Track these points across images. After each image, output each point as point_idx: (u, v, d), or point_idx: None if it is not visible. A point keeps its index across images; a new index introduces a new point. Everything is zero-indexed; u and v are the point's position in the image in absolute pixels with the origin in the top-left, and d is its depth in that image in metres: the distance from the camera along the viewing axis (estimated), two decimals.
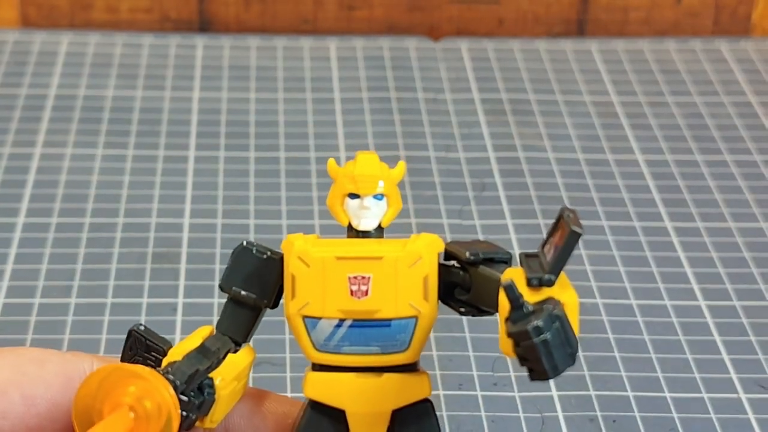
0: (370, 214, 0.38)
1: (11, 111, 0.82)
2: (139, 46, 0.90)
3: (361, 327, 0.38)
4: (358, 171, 0.39)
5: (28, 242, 0.70)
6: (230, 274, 0.39)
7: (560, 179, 0.77)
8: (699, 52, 0.92)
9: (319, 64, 0.89)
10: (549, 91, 0.87)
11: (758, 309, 0.67)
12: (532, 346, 0.34)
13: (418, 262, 0.38)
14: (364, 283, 0.38)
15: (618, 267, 0.69)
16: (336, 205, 0.39)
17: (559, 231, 0.36)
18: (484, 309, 0.39)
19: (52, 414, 0.38)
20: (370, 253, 0.38)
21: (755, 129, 0.83)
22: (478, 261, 0.38)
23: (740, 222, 0.74)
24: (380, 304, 0.38)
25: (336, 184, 0.39)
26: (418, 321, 0.38)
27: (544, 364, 0.34)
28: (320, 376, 0.38)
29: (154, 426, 0.34)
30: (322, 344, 0.38)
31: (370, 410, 0.38)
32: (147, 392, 0.34)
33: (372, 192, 0.38)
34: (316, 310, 0.38)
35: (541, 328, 0.34)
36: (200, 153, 0.79)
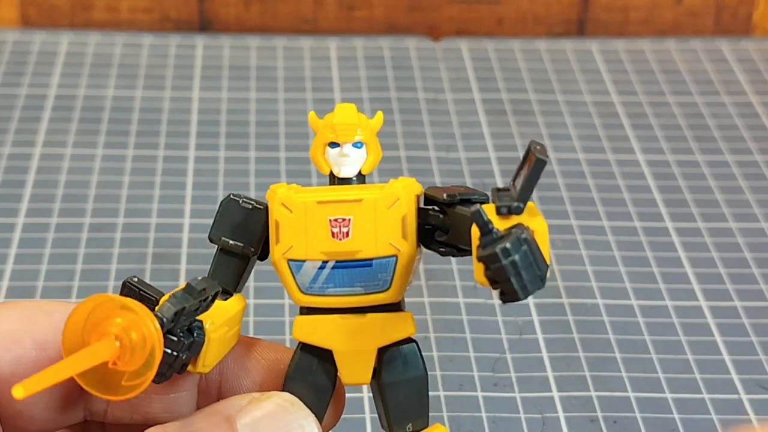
0: (349, 161, 0.40)
1: (11, 111, 0.82)
2: (139, 46, 0.90)
3: (343, 268, 0.39)
4: (337, 120, 0.41)
5: (28, 242, 0.70)
6: (218, 225, 0.41)
7: (561, 179, 0.77)
8: (700, 52, 0.92)
9: (319, 64, 0.89)
10: (549, 91, 0.87)
11: (759, 309, 0.67)
12: (501, 268, 0.35)
13: (396, 203, 0.39)
14: (345, 225, 0.39)
15: (619, 267, 0.69)
16: (318, 155, 0.41)
17: (527, 163, 0.37)
18: (462, 248, 0.39)
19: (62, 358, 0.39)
20: (349, 197, 0.39)
21: (756, 129, 0.83)
22: (455, 202, 0.40)
23: (741, 222, 0.74)
24: (361, 244, 0.39)
25: (317, 136, 0.41)
26: (398, 260, 0.39)
27: (513, 285, 0.35)
28: (307, 318, 0.39)
29: (138, 357, 0.35)
30: (307, 287, 0.39)
31: (356, 349, 0.39)
32: (133, 323, 0.35)
33: (350, 140, 0.40)
34: (300, 253, 0.39)
35: (509, 250, 0.35)
36: (200, 153, 0.78)
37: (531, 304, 0.66)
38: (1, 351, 0.39)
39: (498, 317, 0.65)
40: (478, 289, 0.67)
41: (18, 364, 0.39)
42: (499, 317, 0.65)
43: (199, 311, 0.38)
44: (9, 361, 0.39)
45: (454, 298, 0.67)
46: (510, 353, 0.63)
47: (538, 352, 0.63)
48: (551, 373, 0.61)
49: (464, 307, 0.66)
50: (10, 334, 0.39)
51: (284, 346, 0.42)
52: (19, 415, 0.40)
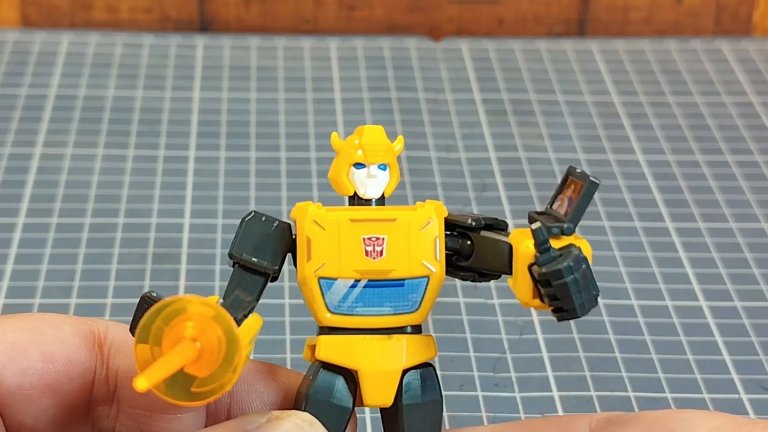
0: (375, 182, 0.40)
1: (11, 111, 0.82)
2: (140, 46, 0.90)
3: (375, 287, 0.39)
4: (365, 140, 0.40)
5: (28, 242, 0.70)
6: (240, 242, 0.40)
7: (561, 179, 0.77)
8: (700, 52, 0.92)
9: (320, 64, 0.89)
10: (550, 91, 0.87)
11: (760, 310, 0.67)
12: (564, 285, 0.36)
13: (429, 224, 0.39)
14: (379, 244, 0.39)
15: (619, 267, 0.69)
16: (341, 176, 0.40)
17: (570, 186, 0.38)
18: (485, 273, 0.40)
19: (69, 371, 0.39)
20: (383, 216, 0.39)
21: (756, 129, 0.83)
22: (480, 226, 0.40)
23: (741, 222, 0.74)
24: (394, 263, 0.39)
25: (340, 156, 0.40)
26: (430, 280, 0.39)
27: (575, 302, 0.36)
28: (332, 338, 0.39)
29: (214, 360, 0.34)
30: (336, 306, 0.39)
31: (382, 369, 0.39)
32: (208, 326, 0.34)
33: (379, 160, 0.40)
34: (332, 271, 0.39)
35: (572, 267, 0.36)
36: (200, 153, 0.78)
37: None
38: (6, 361, 0.39)
39: (498, 317, 0.65)
40: (478, 289, 0.67)
41: (24, 376, 0.39)
42: (499, 317, 0.65)
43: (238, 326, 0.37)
44: (14, 372, 0.39)
45: (454, 298, 0.67)
46: (510, 353, 0.63)
47: (539, 352, 0.63)
48: (551, 373, 0.61)
49: (464, 307, 0.66)
50: (17, 344, 0.39)
51: (295, 371, 0.41)
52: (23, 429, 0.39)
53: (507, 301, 0.67)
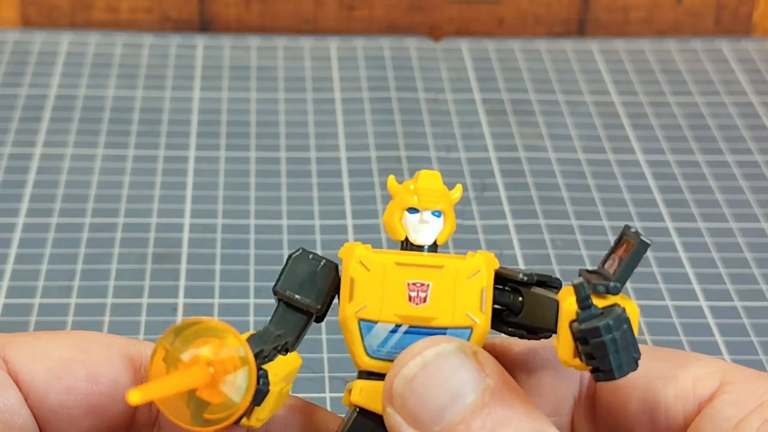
0: (428, 228, 0.39)
1: (11, 111, 0.82)
2: (140, 46, 0.90)
3: (416, 334, 0.38)
4: (421, 185, 0.40)
5: (28, 242, 0.70)
6: (286, 278, 0.39)
7: (561, 179, 0.77)
8: (700, 52, 0.92)
9: (320, 64, 0.89)
10: (550, 91, 0.87)
11: (760, 310, 0.67)
12: (601, 344, 0.35)
13: (477, 274, 0.38)
14: (423, 290, 0.38)
15: None
16: (394, 219, 0.39)
17: (623, 245, 0.37)
18: (533, 329, 0.39)
19: (113, 393, 0.39)
20: (430, 262, 0.38)
21: (756, 129, 0.83)
22: (532, 282, 0.39)
23: (741, 222, 0.74)
24: (438, 311, 0.38)
25: (395, 200, 0.39)
26: (473, 332, 0.38)
27: (611, 362, 0.35)
28: (369, 383, 0.38)
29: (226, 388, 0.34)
30: (375, 350, 0.38)
31: None
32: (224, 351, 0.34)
33: (432, 207, 0.39)
34: (374, 314, 0.38)
35: (611, 327, 0.35)
36: (200, 153, 0.78)
37: None
38: (52, 379, 0.38)
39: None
40: None
41: (68, 394, 0.38)
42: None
43: (267, 359, 0.37)
44: (59, 390, 0.38)
45: None
46: None
47: None
48: None
49: None
50: (64, 362, 0.38)
51: (334, 413, 0.41)
52: None
53: None
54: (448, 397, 0.35)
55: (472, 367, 0.35)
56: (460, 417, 0.34)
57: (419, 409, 0.35)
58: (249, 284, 0.66)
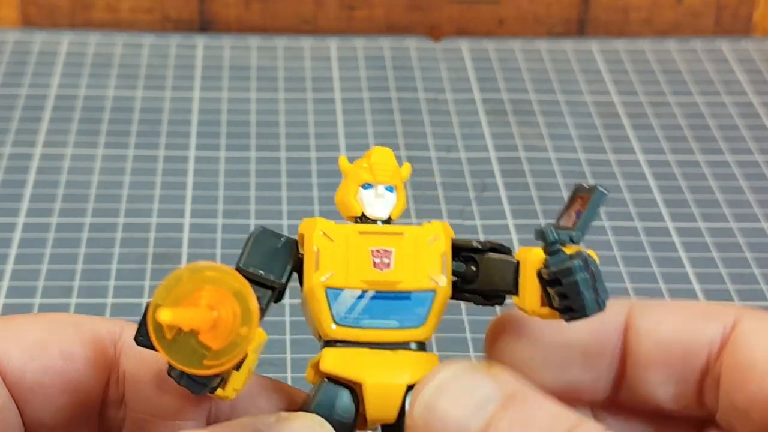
0: (383, 202, 0.40)
1: (11, 111, 0.82)
2: (140, 46, 0.90)
3: (382, 299, 0.39)
4: (375, 161, 0.40)
5: (28, 242, 0.70)
6: (249, 256, 0.40)
7: (561, 179, 0.77)
8: (700, 52, 0.92)
9: (320, 64, 0.89)
10: (550, 91, 0.87)
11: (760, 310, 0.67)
12: (575, 282, 0.36)
13: (436, 239, 0.39)
14: (387, 256, 0.39)
15: (619, 267, 0.69)
16: (349, 196, 0.40)
17: (577, 201, 0.38)
18: (489, 294, 0.40)
19: (88, 371, 0.40)
20: (391, 230, 0.40)
21: (756, 129, 0.83)
22: (485, 248, 0.40)
23: (742, 222, 0.74)
24: (402, 276, 0.39)
25: (349, 178, 0.40)
26: (437, 295, 0.39)
27: (584, 300, 0.36)
28: (337, 351, 0.39)
29: (227, 334, 0.34)
30: (342, 317, 0.39)
31: (387, 383, 0.39)
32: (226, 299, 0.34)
33: (387, 181, 0.40)
34: (340, 281, 0.39)
35: (582, 266, 0.37)
36: (200, 153, 0.78)
37: None
38: (27, 359, 0.39)
39: None
40: None
41: (45, 374, 0.39)
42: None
43: None
44: (34, 370, 0.39)
45: None
46: None
47: None
48: None
49: (464, 307, 0.66)
50: (38, 343, 0.39)
51: (298, 388, 0.41)
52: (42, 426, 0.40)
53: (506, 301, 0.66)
54: (470, 411, 0.35)
55: (488, 381, 0.36)
56: (486, 423, 0.34)
57: (444, 428, 0.35)
58: None
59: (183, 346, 0.34)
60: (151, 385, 0.40)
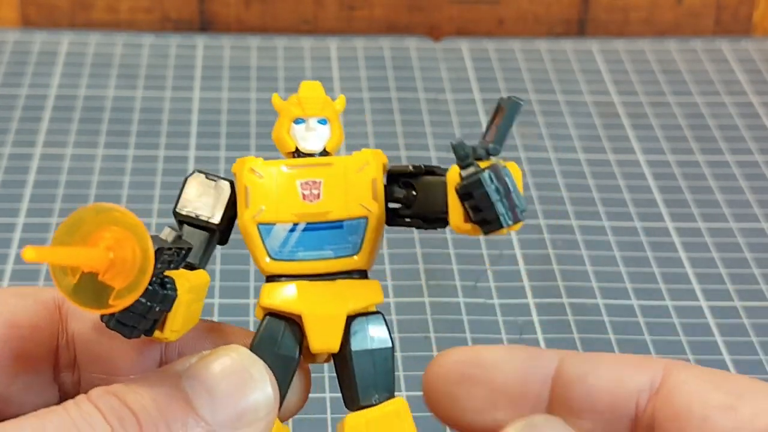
0: (315, 135, 0.40)
1: (11, 111, 0.82)
2: (140, 46, 0.90)
3: (314, 230, 0.39)
4: (303, 94, 0.41)
5: (28, 242, 0.70)
6: (184, 199, 0.40)
7: (561, 179, 0.77)
8: (700, 52, 0.92)
9: (320, 64, 0.89)
10: (550, 91, 0.87)
11: (760, 310, 0.67)
12: (485, 194, 0.36)
13: (365, 166, 0.40)
14: (315, 188, 0.39)
15: (619, 267, 0.69)
16: (282, 133, 0.41)
17: (498, 114, 0.38)
18: (428, 218, 0.40)
19: (35, 337, 0.40)
20: (319, 161, 0.40)
21: (756, 129, 0.83)
22: (421, 172, 0.40)
23: (742, 222, 0.74)
24: (332, 205, 0.39)
25: (281, 114, 0.41)
26: (369, 221, 0.40)
27: (497, 210, 0.36)
28: (275, 285, 0.39)
29: (128, 273, 0.34)
30: (277, 251, 0.39)
31: (326, 313, 0.39)
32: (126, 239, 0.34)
33: (317, 113, 0.41)
34: (270, 216, 0.39)
35: (492, 177, 0.36)
36: (200, 153, 0.79)
37: (531, 304, 0.66)
38: None
39: (498, 317, 0.65)
40: (478, 289, 0.67)
41: None
42: (499, 317, 0.65)
43: (172, 265, 0.37)
44: None
45: (454, 298, 0.67)
46: None
47: None
48: None
49: (464, 307, 0.66)
50: None
51: (245, 329, 0.41)
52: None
53: (507, 301, 0.67)
54: None
55: None
56: None
57: None
58: (249, 284, 0.66)
59: (87, 288, 0.34)
60: (99, 343, 0.40)
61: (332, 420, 0.58)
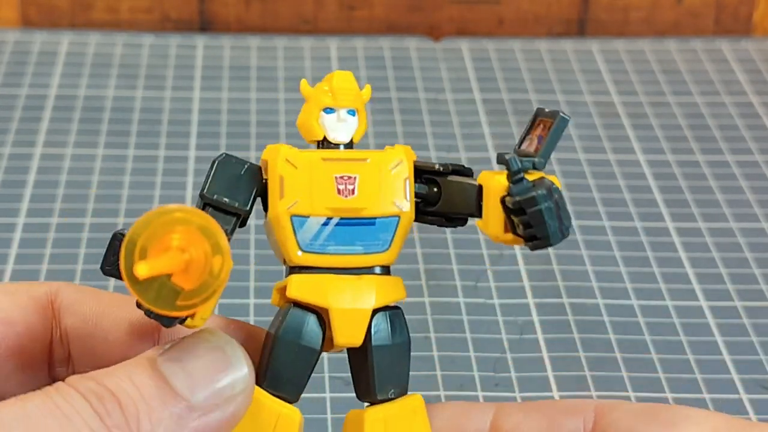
0: (345, 126, 0.40)
1: (11, 111, 0.82)
2: (140, 46, 0.90)
3: (346, 225, 0.39)
4: (336, 85, 0.40)
5: (28, 242, 0.70)
6: (212, 183, 0.40)
7: (561, 179, 0.77)
8: (700, 52, 0.92)
9: (320, 64, 0.89)
10: (550, 91, 0.87)
11: (760, 309, 0.67)
12: (539, 212, 0.37)
13: (399, 165, 0.40)
14: (351, 183, 0.39)
15: (619, 267, 0.69)
16: (311, 120, 0.40)
17: (539, 125, 0.39)
18: (452, 217, 0.40)
19: (29, 333, 0.40)
20: (355, 156, 0.40)
21: (756, 129, 0.83)
22: (448, 171, 0.40)
23: (742, 222, 0.74)
24: (366, 202, 0.39)
25: (310, 102, 0.40)
26: (401, 220, 0.39)
27: (547, 229, 0.37)
28: (304, 277, 0.39)
29: (200, 273, 0.34)
30: (308, 244, 0.39)
31: (353, 308, 0.39)
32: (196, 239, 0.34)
33: (349, 104, 0.40)
34: (305, 209, 0.39)
35: (546, 196, 0.37)
36: (200, 153, 0.79)
37: (531, 304, 0.66)
38: None
39: (498, 317, 0.65)
40: (478, 289, 0.67)
41: None
42: (499, 317, 0.65)
43: None
44: None
45: (454, 298, 0.67)
46: (510, 353, 0.63)
47: (539, 352, 0.63)
48: (551, 373, 0.61)
49: (464, 307, 0.66)
50: None
51: (257, 326, 0.41)
52: None
53: (507, 300, 0.67)
54: None
55: None
56: None
57: None
58: (249, 284, 0.66)
59: (155, 287, 0.34)
60: (92, 337, 0.40)
61: (332, 420, 0.58)
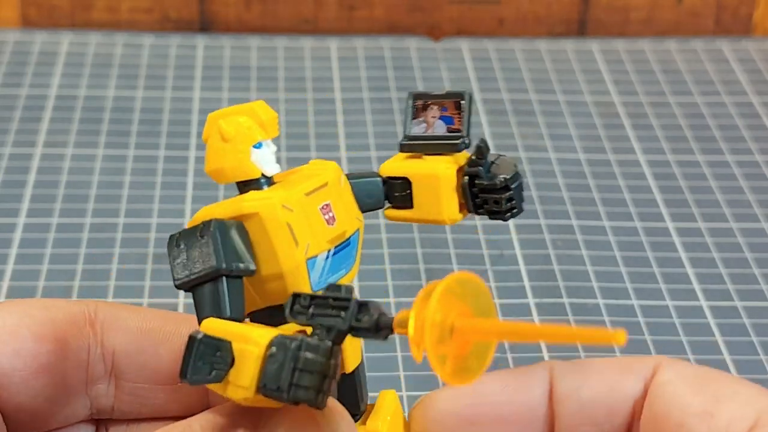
0: (274, 155, 0.38)
1: (11, 111, 0.82)
2: (140, 46, 0.90)
3: (337, 253, 0.38)
4: (264, 116, 0.37)
5: (28, 243, 0.70)
6: (224, 252, 0.36)
7: (561, 179, 0.77)
8: (700, 52, 0.92)
9: (320, 64, 0.89)
10: (550, 91, 0.87)
11: (760, 309, 0.67)
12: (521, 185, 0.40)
13: (342, 179, 0.39)
14: (330, 210, 0.38)
15: (619, 267, 0.69)
16: (243, 160, 0.37)
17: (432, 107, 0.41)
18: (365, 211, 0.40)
19: (62, 350, 0.40)
20: (318, 183, 0.38)
21: (757, 129, 0.83)
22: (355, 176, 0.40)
23: (742, 222, 0.74)
24: (343, 224, 0.38)
25: (237, 140, 0.37)
26: (360, 232, 0.39)
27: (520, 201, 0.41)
28: None
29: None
30: (317, 283, 0.37)
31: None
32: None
33: (276, 133, 0.38)
34: (315, 248, 0.37)
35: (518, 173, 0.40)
36: (201, 153, 0.79)
37: (531, 304, 0.66)
38: (0, 344, 0.39)
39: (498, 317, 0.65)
40: None
41: (18, 357, 0.39)
42: (499, 317, 0.65)
43: None
44: (8, 354, 0.39)
45: None
46: (511, 353, 0.63)
47: (539, 352, 0.63)
48: None
49: None
50: (8, 328, 0.40)
51: None
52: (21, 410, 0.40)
53: (507, 301, 0.67)
54: None
55: None
56: None
57: None
58: None
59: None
60: (142, 353, 0.40)
61: None
